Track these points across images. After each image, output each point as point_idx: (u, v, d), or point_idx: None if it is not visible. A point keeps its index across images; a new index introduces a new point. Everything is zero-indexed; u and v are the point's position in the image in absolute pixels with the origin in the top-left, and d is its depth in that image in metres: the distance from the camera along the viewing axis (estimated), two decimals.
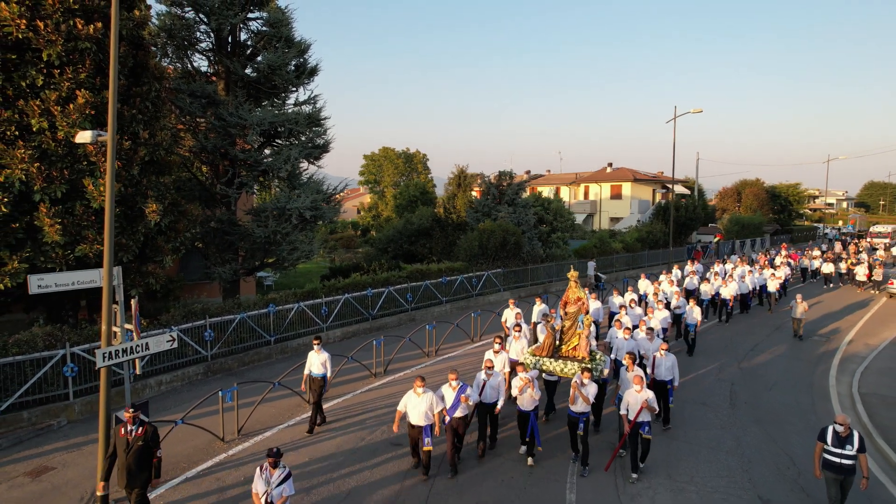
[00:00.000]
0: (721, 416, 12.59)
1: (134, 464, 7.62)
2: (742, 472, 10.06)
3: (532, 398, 9.96)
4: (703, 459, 10.48)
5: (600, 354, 11.93)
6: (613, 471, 9.90)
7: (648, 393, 9.54)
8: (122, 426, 7.75)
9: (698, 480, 9.70)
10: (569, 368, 11.29)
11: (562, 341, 12.01)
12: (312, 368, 11.58)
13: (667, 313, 16.14)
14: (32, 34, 11.34)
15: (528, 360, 11.66)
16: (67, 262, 12.05)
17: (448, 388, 9.64)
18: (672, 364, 11.62)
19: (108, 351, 8.20)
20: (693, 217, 37.98)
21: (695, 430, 11.81)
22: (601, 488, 9.36)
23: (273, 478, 7.16)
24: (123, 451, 7.61)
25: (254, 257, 19.54)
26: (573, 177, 60.27)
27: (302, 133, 20.22)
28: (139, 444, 7.65)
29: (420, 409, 9.33)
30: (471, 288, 24.14)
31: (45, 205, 11.68)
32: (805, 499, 9.15)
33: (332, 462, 10.19)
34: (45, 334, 12.07)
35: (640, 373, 10.41)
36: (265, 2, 19.98)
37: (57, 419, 11.82)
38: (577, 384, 9.82)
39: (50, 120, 11.77)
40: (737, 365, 16.28)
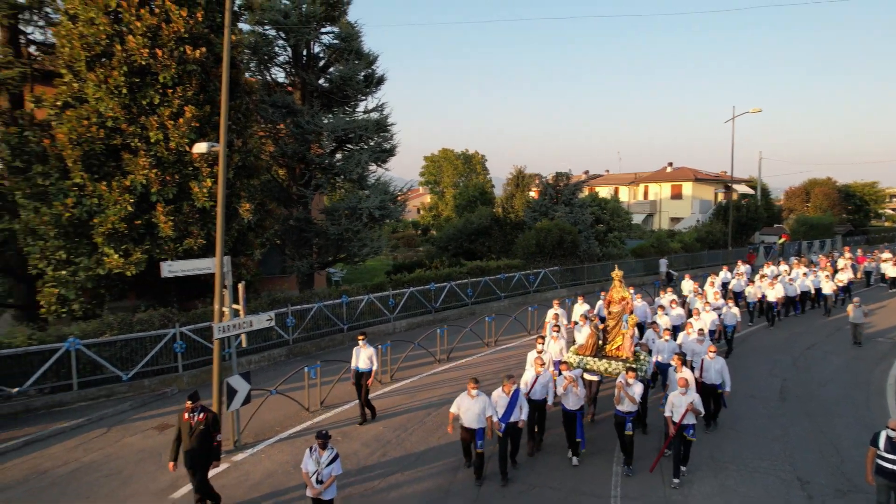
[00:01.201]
0: (769, 408, 13.04)
1: (196, 447, 8.16)
2: (785, 456, 10.60)
3: (577, 397, 10.04)
4: (747, 444, 11.05)
5: (644, 354, 11.91)
6: (660, 469, 9.93)
7: (694, 395, 9.53)
8: (184, 412, 8.28)
9: (740, 461, 10.36)
10: (613, 368, 11.33)
11: (605, 341, 12.04)
12: (359, 363, 11.93)
13: (714, 315, 15.93)
14: (153, 60, 13.31)
15: (572, 360, 11.72)
16: (177, 253, 13.97)
17: (501, 392, 9.47)
18: (721, 367, 11.38)
19: (222, 326, 9.85)
20: (755, 217, 37.37)
21: (741, 419, 12.28)
22: (647, 480, 9.63)
23: (322, 458, 7.53)
24: (187, 434, 8.17)
25: (327, 253, 21.31)
26: (632, 177, 59.88)
27: (370, 138, 21.83)
28: (201, 428, 8.18)
29: (473, 411, 9.24)
30: (528, 285, 25.14)
31: (161, 205, 13.65)
32: (846, 482, 9.65)
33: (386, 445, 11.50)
34: (160, 315, 14.09)
35: (687, 375, 10.27)
36: (337, 18, 21.71)
37: (170, 387, 13.80)
38: (623, 384, 9.82)
39: (164, 132, 13.72)
40: (791, 363, 16.50)
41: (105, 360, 13.17)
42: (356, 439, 11.16)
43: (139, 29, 13.21)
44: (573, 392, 10.00)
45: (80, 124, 13.30)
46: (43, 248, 13.79)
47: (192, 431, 8.17)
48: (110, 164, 13.86)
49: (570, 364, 11.21)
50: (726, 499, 9.09)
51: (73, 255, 13.78)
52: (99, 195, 13.43)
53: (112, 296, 15.40)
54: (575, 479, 9.78)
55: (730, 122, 29.76)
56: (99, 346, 13.11)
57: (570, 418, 10.20)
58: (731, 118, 29.51)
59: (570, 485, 9.56)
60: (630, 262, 29.89)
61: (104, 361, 13.15)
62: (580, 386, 10.11)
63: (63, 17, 13.79)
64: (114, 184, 13.46)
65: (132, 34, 13.18)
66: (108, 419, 12.25)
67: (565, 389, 10.05)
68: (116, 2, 13.22)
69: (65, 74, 13.75)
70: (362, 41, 21.83)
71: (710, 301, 16.91)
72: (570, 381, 9.98)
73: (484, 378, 14.51)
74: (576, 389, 9.99)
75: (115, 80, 13.24)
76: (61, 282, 13.86)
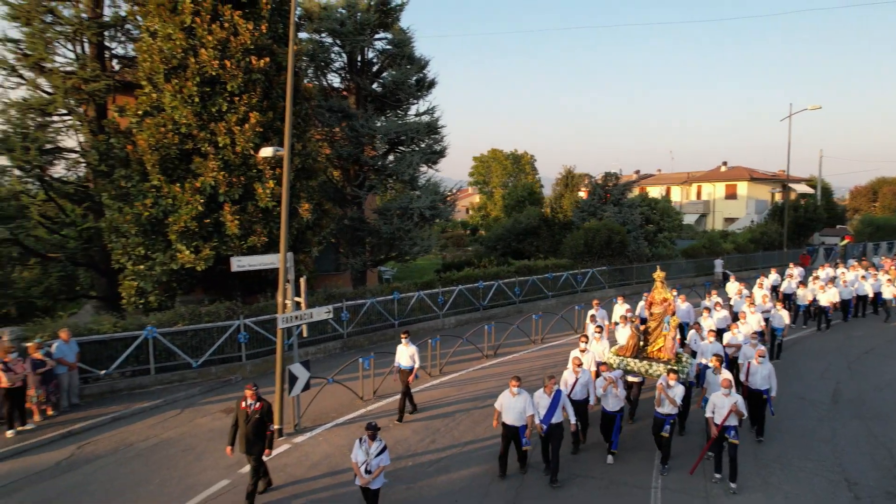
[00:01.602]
0: (820, 410, 12.90)
1: (252, 434, 8.57)
2: (833, 458, 10.54)
3: (617, 398, 10.08)
4: (794, 444, 11.02)
5: (686, 356, 11.80)
6: (701, 466, 9.95)
7: (737, 397, 9.43)
8: (241, 400, 8.73)
9: (784, 460, 10.38)
10: (654, 370, 11.26)
11: (647, 342, 11.96)
12: (401, 361, 12.27)
13: (760, 317, 15.47)
14: (222, 71, 14.37)
15: (613, 361, 11.67)
16: (241, 250, 15.00)
17: (542, 393, 9.50)
18: (769, 372, 11.08)
19: (286, 317, 10.68)
20: (813, 217, 36.07)
21: (789, 420, 12.21)
22: (687, 479, 9.68)
23: (372, 449, 7.87)
24: (244, 422, 8.60)
25: (379, 251, 22.15)
26: (685, 176, 58.56)
27: (422, 140, 22.54)
28: (256, 417, 8.59)
29: (515, 409, 9.34)
30: (575, 284, 25.29)
31: (228, 205, 14.70)
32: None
33: (435, 433, 12.10)
34: (225, 308, 15.17)
35: (728, 375, 10.11)
36: (390, 24, 22.52)
37: (234, 375, 14.85)
38: (663, 386, 9.77)
39: (231, 137, 14.76)
40: (846, 366, 16.15)
41: (178, 347, 14.33)
42: (406, 427, 11.81)
43: (210, 42, 14.28)
44: (613, 393, 10.07)
45: (157, 131, 14.50)
46: (125, 244, 15.08)
47: (248, 419, 8.59)
48: (183, 168, 15.03)
49: (611, 365, 11.22)
50: (768, 495, 9.22)
51: (150, 251, 15.01)
52: (173, 196, 14.59)
53: (182, 289, 16.64)
54: (616, 470, 10.06)
55: (787, 119, 28.97)
56: (172, 334, 14.27)
57: (608, 420, 10.25)
58: (788, 116, 28.73)
59: (611, 476, 9.87)
60: (680, 262, 29.53)
61: (177, 349, 14.30)
62: (620, 387, 10.16)
63: (144, 34, 15.05)
64: (186, 185, 14.60)
65: (204, 47, 14.26)
66: (180, 402, 13.35)
67: (605, 391, 10.12)
68: (191, 18, 14.33)
69: (145, 86, 14.99)
70: (414, 46, 22.56)
71: (756, 303, 16.53)
72: (609, 381, 10.04)
73: (530, 373, 14.99)
74: (615, 390, 10.04)
75: (189, 90, 14.36)
76: (140, 275, 15.13)
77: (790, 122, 28.63)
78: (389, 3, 21.84)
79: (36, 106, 16.50)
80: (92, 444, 11.09)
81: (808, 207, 36.95)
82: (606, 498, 9.23)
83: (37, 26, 16.34)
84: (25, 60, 16.65)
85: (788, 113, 28.93)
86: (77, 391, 12.91)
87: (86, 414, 12.29)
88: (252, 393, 8.68)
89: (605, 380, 10.11)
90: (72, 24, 16.66)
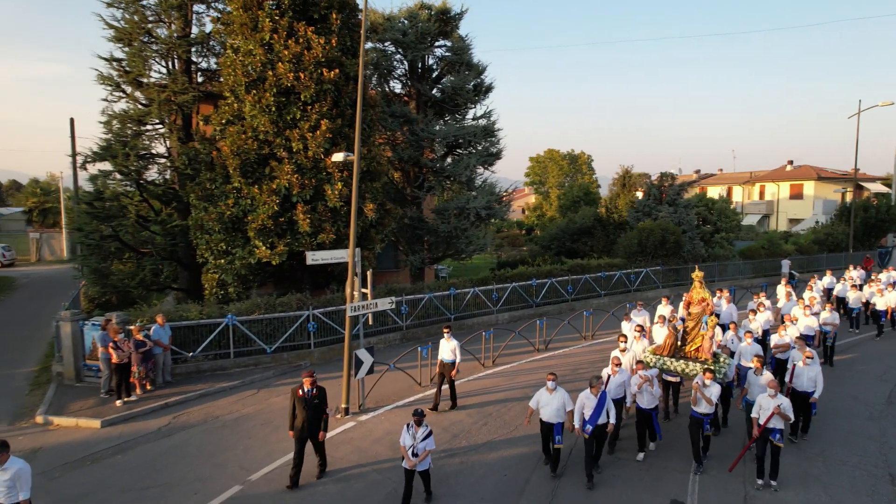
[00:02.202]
0: (871, 409, 12.92)
1: (311, 418, 9.21)
2: (878, 454, 10.70)
3: (652, 396, 10.22)
4: (840, 441, 11.21)
5: (724, 357, 11.74)
6: (742, 472, 9.87)
7: (782, 399, 9.43)
8: (299, 388, 9.37)
9: (828, 454, 10.64)
10: (691, 369, 11.29)
11: (684, 342, 11.97)
12: (443, 355, 12.70)
13: (813, 320, 15.31)
14: (296, 82, 15.78)
15: (650, 360, 11.75)
16: (312, 246, 16.35)
17: (589, 394, 9.49)
18: (815, 375, 11.02)
19: (354, 305, 11.86)
20: (886, 218, 34.53)
21: (839, 418, 12.29)
22: (725, 478, 9.69)
23: (418, 434, 8.41)
24: (302, 407, 9.21)
25: (437, 249, 23.23)
26: (747, 176, 56.80)
27: (479, 143, 23.47)
28: (315, 402, 9.23)
29: (552, 406, 9.52)
30: (629, 283, 25.55)
31: (300, 205, 16.10)
32: None
33: (488, 417, 12.96)
34: (296, 299, 16.59)
35: (771, 377, 10.19)
36: (449, 33, 23.58)
37: (303, 361, 16.24)
38: (699, 385, 9.83)
39: (304, 143, 16.16)
40: None
41: (254, 334, 15.82)
42: (461, 410, 12.77)
43: (287, 57, 15.71)
44: (648, 391, 10.23)
45: (239, 138, 16.07)
46: (208, 240, 16.76)
47: (306, 405, 9.20)
48: (261, 171, 16.55)
49: (647, 364, 11.30)
50: (806, 484, 9.57)
51: (230, 247, 16.62)
52: (252, 197, 16.12)
53: (258, 282, 18.23)
54: (658, 456, 10.58)
55: (856, 116, 28.08)
56: (249, 322, 15.77)
57: (644, 417, 10.37)
58: (857, 112, 27.85)
59: (651, 461, 10.41)
60: (738, 263, 29.15)
61: (253, 336, 15.80)
62: (655, 385, 10.32)
63: (228, 50, 16.68)
64: (263, 187, 16.09)
65: (281, 61, 15.71)
66: (257, 383, 14.82)
67: (640, 389, 10.26)
68: (270, 35, 15.81)
69: (228, 97, 16.62)
70: (472, 53, 23.52)
71: (808, 305, 16.23)
72: (645, 380, 10.18)
73: (579, 367, 15.68)
74: (651, 388, 10.20)
75: (267, 100, 15.85)
76: (221, 269, 16.77)
77: (858, 119, 27.76)
78: (449, 13, 22.90)
79: (135, 117, 18.51)
80: (185, 415, 12.64)
81: (880, 207, 35.44)
82: (644, 493, 9.34)
83: (136, 46, 18.34)
84: (126, 76, 18.70)
85: (857, 109, 28.05)
86: (169, 370, 14.59)
87: (177, 390, 13.92)
88: (310, 380, 9.28)
89: (640, 377, 10.26)
90: (165, 42, 18.56)
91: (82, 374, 14.54)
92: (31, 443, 11.29)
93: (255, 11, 15.95)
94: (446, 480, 9.66)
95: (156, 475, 9.92)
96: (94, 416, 12.34)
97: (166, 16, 18.72)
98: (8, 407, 13.21)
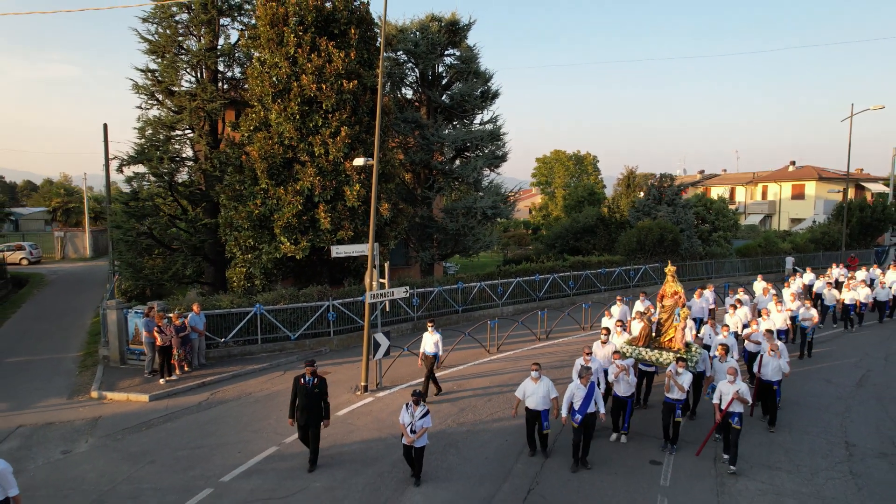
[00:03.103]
0: (840, 390, 14.13)
1: (311, 406, 9.59)
2: (839, 426, 11.94)
3: (628, 384, 10.92)
4: (804, 415, 12.42)
5: (696, 346, 12.30)
6: (712, 454, 10.59)
7: (741, 384, 10.02)
8: (300, 377, 9.68)
9: (793, 426, 11.89)
10: (664, 358, 11.85)
11: (658, 333, 12.58)
12: (426, 347, 13.21)
13: (786, 315, 16.18)
14: (318, 93, 17.28)
15: (626, 350, 12.30)
16: (331, 243, 17.85)
17: (579, 384, 9.91)
18: (780, 365, 11.84)
19: (373, 293, 13.33)
20: (882, 217, 35.65)
21: (809, 396, 13.55)
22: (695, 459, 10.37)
23: (416, 413, 9.05)
24: (304, 395, 9.59)
25: (446, 246, 24.69)
26: (750, 176, 57.88)
27: (485, 146, 24.89)
28: (315, 391, 9.62)
29: (538, 394, 10.08)
30: (628, 279, 26.90)
31: (322, 204, 17.59)
32: (891, 447, 11.01)
33: (492, 394, 14.39)
34: (317, 291, 18.11)
35: (733, 364, 10.77)
36: (458, 42, 25.03)
37: (324, 348, 17.73)
38: (672, 373, 10.51)
39: (325, 148, 17.65)
40: (883, 357, 17.04)
41: (279, 322, 17.33)
42: (468, 388, 14.22)
43: (310, 69, 17.22)
44: (624, 379, 10.94)
45: (266, 143, 17.59)
46: (237, 237, 18.30)
47: (307, 393, 9.58)
48: (286, 174, 18.07)
49: (623, 354, 11.93)
50: (770, 449, 10.90)
51: (258, 242, 18.15)
52: (278, 197, 17.62)
53: (282, 275, 19.76)
54: (626, 450, 10.86)
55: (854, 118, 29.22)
56: (275, 311, 17.28)
57: (620, 404, 11.12)
58: (850, 116, 29.04)
59: (621, 457, 10.59)
60: (734, 261, 30.43)
61: (278, 323, 17.31)
62: (631, 374, 11.03)
63: (255, 62, 18.21)
64: (288, 188, 17.60)
65: (305, 73, 17.22)
66: (283, 365, 16.32)
67: (616, 377, 10.94)
68: (294, 49, 17.32)
69: (255, 106, 18.14)
70: (479, 62, 24.96)
71: (783, 301, 16.96)
72: (621, 368, 10.89)
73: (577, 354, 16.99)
74: (627, 377, 10.90)
75: (292, 109, 17.36)
76: (249, 263, 18.30)
77: (851, 122, 28.94)
78: (458, 24, 24.36)
79: (168, 123, 20.09)
80: (221, 392, 14.17)
81: (876, 207, 36.54)
82: (618, 477, 9.87)
83: (169, 58, 19.92)
84: (159, 86, 20.28)
85: (850, 113, 29.24)
86: (204, 353, 16.13)
87: (212, 371, 15.46)
88: (311, 369, 9.69)
89: (617, 367, 10.97)
90: (195, 54, 20.13)
91: (126, 357, 16.13)
92: (91, 413, 12.87)
93: (281, 28, 17.47)
94: (456, 444, 11.12)
95: (203, 438, 11.44)
96: (142, 391, 13.91)
97: (196, 30, 20.28)
98: (64, 385, 14.82)
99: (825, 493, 9.33)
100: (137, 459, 10.51)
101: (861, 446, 11.12)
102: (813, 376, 15.23)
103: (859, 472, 10.05)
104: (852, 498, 9.21)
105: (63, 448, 11.09)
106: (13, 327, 21.68)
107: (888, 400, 13.63)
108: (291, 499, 9.11)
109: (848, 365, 16.31)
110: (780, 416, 12.34)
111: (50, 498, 9.18)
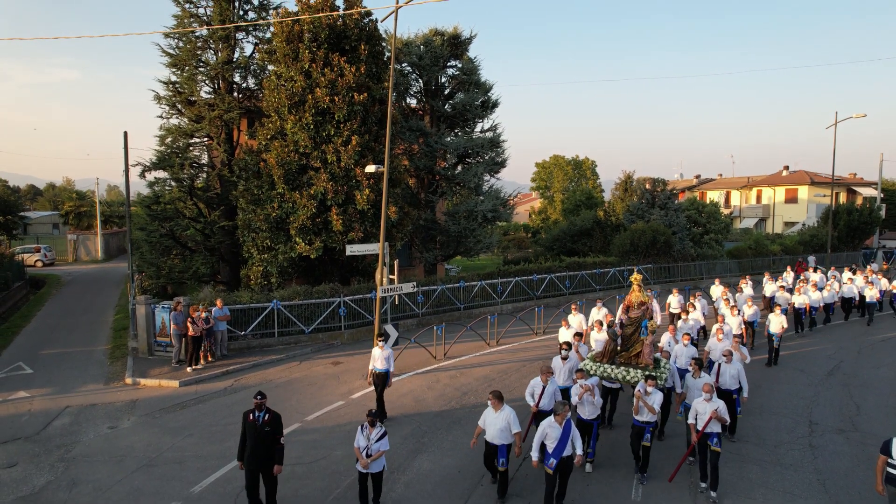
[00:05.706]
0: (811, 378, 15.35)
1: (261, 448, 7.95)
2: (804, 408, 13.15)
3: (594, 406, 9.71)
4: (778, 400, 13.60)
5: (664, 362, 11.46)
6: (687, 480, 9.72)
7: (718, 402, 9.16)
8: (249, 412, 8.06)
9: (765, 409, 13.07)
10: (632, 376, 10.78)
11: (624, 347, 11.46)
12: (376, 364, 12.19)
13: (740, 319, 16.12)
14: (331, 104, 18.66)
15: (590, 367, 11.22)
16: (343, 243, 19.20)
17: (553, 422, 8.25)
18: (738, 372, 11.34)
19: (384, 288, 14.68)
20: (869, 221, 37.02)
21: (781, 384, 14.78)
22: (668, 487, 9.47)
23: (372, 435, 8.03)
24: (252, 434, 7.97)
25: (448, 247, 26.06)
26: (745, 181, 59.29)
27: (486, 153, 26.29)
28: (266, 430, 7.96)
29: (496, 426, 8.56)
30: (622, 279, 28.21)
31: (334, 208, 18.95)
32: (850, 426, 12.31)
33: (490, 382, 15.69)
34: (329, 288, 19.45)
35: (708, 380, 10.13)
36: (460, 55, 26.44)
37: (335, 341, 19.06)
38: (641, 393, 9.43)
39: (337, 155, 19.02)
40: (857, 350, 18.19)
41: (294, 317, 18.66)
42: (469, 376, 15.53)
43: (323, 83, 18.61)
44: (589, 401, 9.69)
45: (282, 151, 18.97)
46: (254, 238, 19.65)
47: (257, 432, 7.95)
48: (300, 179, 19.43)
49: (587, 372, 10.80)
50: (741, 431, 11.74)
51: (274, 243, 19.50)
52: (293, 201, 18.98)
53: (296, 274, 21.11)
54: (595, 479, 9.76)
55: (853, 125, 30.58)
56: (291, 307, 18.60)
57: (585, 428, 9.72)
58: (834, 123, 30.39)
59: (589, 489, 9.49)
60: (725, 262, 31.77)
61: (294, 318, 18.63)
62: (597, 394, 9.86)
63: (272, 76, 19.60)
64: (303, 193, 18.95)
65: (318, 87, 18.61)
66: (298, 356, 17.64)
67: (581, 399, 9.69)
68: (308, 64, 18.71)
69: (272, 116, 19.52)
70: (480, 73, 26.38)
71: (736, 305, 17.09)
72: (586, 389, 9.63)
73: None
74: (592, 398, 9.70)
75: (306, 119, 18.74)
76: (266, 262, 19.66)
77: (835, 130, 30.27)
78: (459, 38, 25.79)
79: (188, 131, 21.49)
80: (243, 380, 15.49)
81: (863, 211, 37.88)
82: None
83: (189, 71, 21.33)
84: (179, 97, 21.68)
85: (834, 121, 30.58)
86: (226, 345, 17.46)
87: (234, 361, 16.78)
88: (258, 402, 8.03)
89: (580, 387, 9.72)
90: (214, 67, 21.54)
91: (153, 348, 17.46)
92: (129, 396, 14.21)
93: (297, 44, 18.88)
94: (459, 422, 12.44)
95: (232, 416, 12.75)
96: (172, 378, 15.24)
97: (215, 44, 21.69)
98: (99, 373, 16.15)
99: (784, 461, 10.63)
100: (177, 433, 11.83)
101: (822, 424, 12.36)
102: (787, 365, 16.26)
103: (817, 445, 11.34)
104: (808, 464, 10.50)
105: (109, 424, 12.42)
106: (41, 322, 23.02)
107: (854, 386, 14.85)
108: (315, 465, 10.41)
109: (823, 357, 17.31)
110: (752, 402, 13.17)
111: (107, 462, 10.51)
